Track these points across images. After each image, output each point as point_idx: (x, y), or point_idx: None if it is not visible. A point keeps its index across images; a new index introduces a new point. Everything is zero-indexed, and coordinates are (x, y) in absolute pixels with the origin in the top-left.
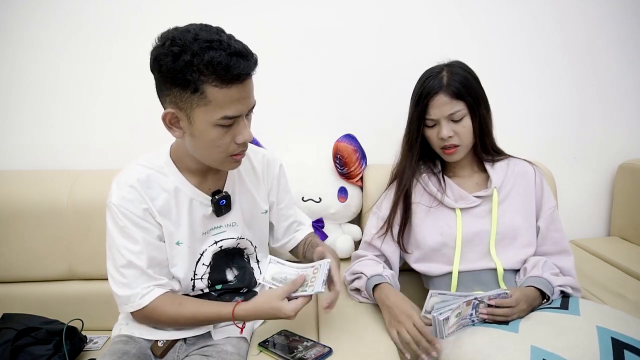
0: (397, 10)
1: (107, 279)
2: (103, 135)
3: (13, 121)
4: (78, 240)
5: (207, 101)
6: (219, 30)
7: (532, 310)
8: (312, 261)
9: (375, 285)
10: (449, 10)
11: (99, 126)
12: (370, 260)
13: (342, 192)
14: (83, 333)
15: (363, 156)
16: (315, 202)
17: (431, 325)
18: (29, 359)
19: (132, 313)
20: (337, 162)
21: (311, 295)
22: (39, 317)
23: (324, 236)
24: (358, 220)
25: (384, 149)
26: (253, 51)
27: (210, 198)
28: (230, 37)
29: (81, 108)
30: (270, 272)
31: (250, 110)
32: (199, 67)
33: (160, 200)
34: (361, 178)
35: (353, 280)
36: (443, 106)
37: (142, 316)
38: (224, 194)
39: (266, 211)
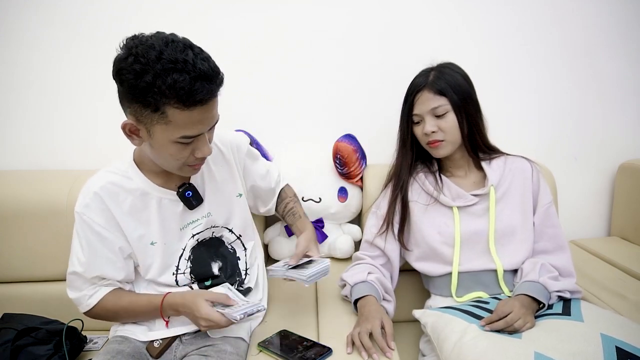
0: (398, 11)
1: None
2: (103, 135)
3: (13, 121)
4: None
5: (167, 120)
6: (186, 46)
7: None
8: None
9: (361, 297)
10: (450, 11)
11: (99, 126)
12: (363, 265)
13: (342, 192)
14: (83, 333)
15: (363, 156)
16: (315, 202)
17: None
18: (29, 359)
19: (85, 314)
20: (337, 162)
21: (230, 321)
22: (39, 317)
23: (324, 236)
24: (358, 220)
25: (384, 149)
26: (219, 69)
27: (176, 192)
28: (198, 53)
29: (81, 108)
30: (217, 292)
31: (212, 126)
32: (160, 89)
33: (127, 204)
34: (361, 178)
35: (343, 286)
36: (426, 102)
37: (94, 315)
38: (187, 185)
39: (240, 194)
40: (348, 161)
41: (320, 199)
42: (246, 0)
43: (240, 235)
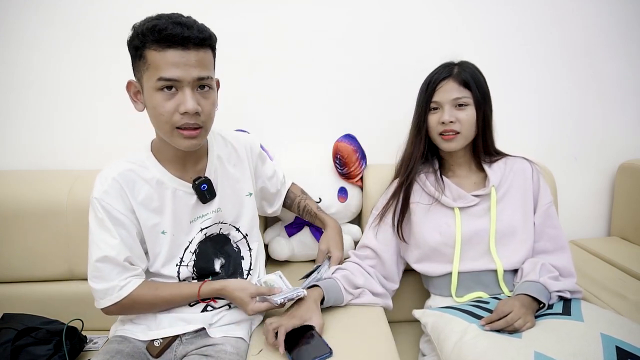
0: (398, 11)
1: None
2: (103, 135)
3: (13, 121)
4: (78, 240)
5: (147, 65)
6: (182, 15)
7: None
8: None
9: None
10: (450, 11)
11: (99, 126)
12: (353, 263)
13: (342, 192)
14: (83, 333)
15: (363, 156)
16: (315, 202)
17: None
18: (29, 359)
19: (107, 307)
20: (337, 162)
21: (274, 306)
22: (39, 317)
23: None
24: (358, 220)
25: (384, 149)
26: (208, 29)
27: (192, 185)
28: (187, 17)
29: (82, 108)
30: (268, 278)
31: (200, 84)
32: (143, 33)
33: (143, 193)
34: (361, 178)
35: None
36: (450, 91)
37: (120, 307)
38: (203, 178)
39: (250, 194)
40: (348, 161)
41: (320, 199)
42: (246, 0)
43: (246, 235)
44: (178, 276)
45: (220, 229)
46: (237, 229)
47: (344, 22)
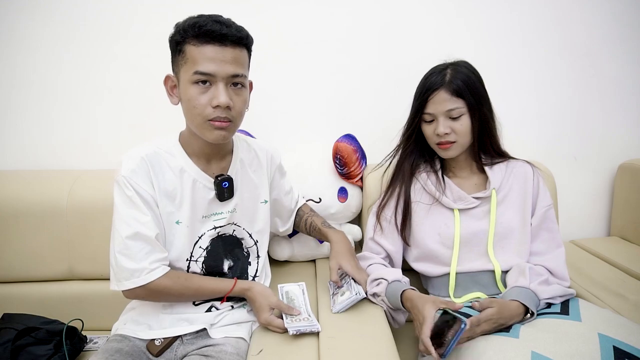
0: (398, 12)
1: (107, 279)
2: (104, 135)
3: (13, 121)
4: (78, 240)
5: (186, 59)
6: (221, 16)
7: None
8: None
9: (402, 292)
10: (449, 11)
11: (99, 126)
12: (380, 264)
13: (342, 192)
14: (83, 333)
15: (363, 156)
16: (315, 202)
17: None
18: (29, 359)
19: (131, 289)
20: (337, 162)
21: (286, 329)
22: (39, 317)
23: None
24: (358, 220)
25: (384, 149)
26: (245, 30)
27: (213, 180)
28: (228, 18)
29: (82, 108)
30: (292, 288)
31: (234, 80)
32: (184, 29)
33: (166, 179)
34: (361, 178)
35: (372, 285)
36: (442, 102)
37: (145, 291)
38: (226, 176)
39: (266, 201)
40: (348, 161)
41: (320, 199)
42: (246, 1)
43: (257, 241)
44: (187, 271)
45: (234, 230)
46: (250, 235)
47: (344, 22)
